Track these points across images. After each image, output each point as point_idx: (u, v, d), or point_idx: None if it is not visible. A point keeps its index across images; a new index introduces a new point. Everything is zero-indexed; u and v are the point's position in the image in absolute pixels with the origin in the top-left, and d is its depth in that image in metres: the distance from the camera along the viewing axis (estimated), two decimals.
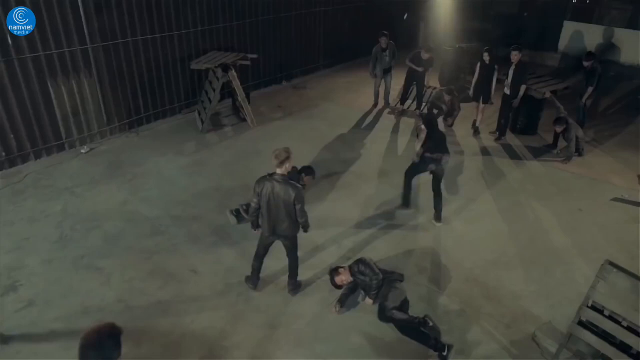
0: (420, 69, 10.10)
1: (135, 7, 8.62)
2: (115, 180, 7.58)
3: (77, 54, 8.04)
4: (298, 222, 4.91)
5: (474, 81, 9.40)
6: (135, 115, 9.32)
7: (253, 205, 4.89)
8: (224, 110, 10.41)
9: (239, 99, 9.44)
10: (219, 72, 8.98)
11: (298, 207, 4.75)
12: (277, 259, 5.72)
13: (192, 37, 9.85)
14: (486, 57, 9.02)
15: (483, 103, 9.36)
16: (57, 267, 5.68)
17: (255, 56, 9.94)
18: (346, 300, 5.20)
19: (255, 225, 5.10)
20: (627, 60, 13.78)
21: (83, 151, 8.39)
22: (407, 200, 7.15)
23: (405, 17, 16.68)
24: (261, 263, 5.36)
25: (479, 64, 9.24)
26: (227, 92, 10.20)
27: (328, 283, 5.19)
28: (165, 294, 5.33)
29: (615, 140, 9.61)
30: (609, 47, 13.99)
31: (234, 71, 9.08)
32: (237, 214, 6.57)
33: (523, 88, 8.80)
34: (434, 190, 6.70)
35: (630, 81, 12.72)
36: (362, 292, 5.17)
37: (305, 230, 5.10)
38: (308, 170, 7.12)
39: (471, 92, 9.55)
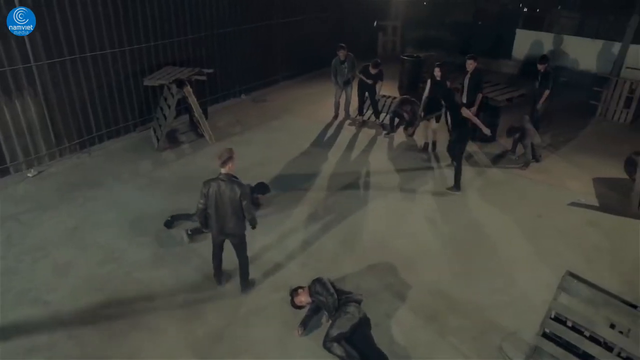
0: (369, 81, 10.13)
1: (82, 22, 8.28)
2: (65, 204, 7.21)
3: (20, 72, 7.64)
4: (244, 219, 5.10)
5: (423, 98, 9.00)
6: (87, 135, 8.93)
7: (199, 206, 5.09)
8: (180, 127, 10.12)
9: (196, 114, 9.20)
10: (174, 88, 8.72)
11: (244, 203, 4.96)
12: (236, 283, 5.59)
13: (145, 52, 9.56)
14: (437, 72, 8.55)
15: (436, 122, 8.99)
16: (0, 302, 5.29)
17: (211, 70, 9.72)
18: (309, 322, 5.05)
19: (204, 225, 5.27)
20: (577, 66, 14.26)
21: (30, 174, 7.95)
22: (459, 182, 7.84)
23: (375, 23, 16.87)
24: (220, 260, 5.53)
25: (429, 80, 8.88)
26: (184, 107, 9.92)
27: (290, 305, 5.06)
28: (120, 326, 5.04)
29: (569, 144, 9.85)
30: (559, 53, 14.45)
31: (189, 87, 8.84)
32: (192, 233, 6.44)
33: (479, 96, 8.91)
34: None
35: (581, 86, 13.13)
36: (325, 312, 5.03)
37: (253, 226, 5.25)
38: (261, 188, 7.12)
39: (421, 110, 9.14)
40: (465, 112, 7.61)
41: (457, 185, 7.85)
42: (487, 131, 7.89)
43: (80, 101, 8.65)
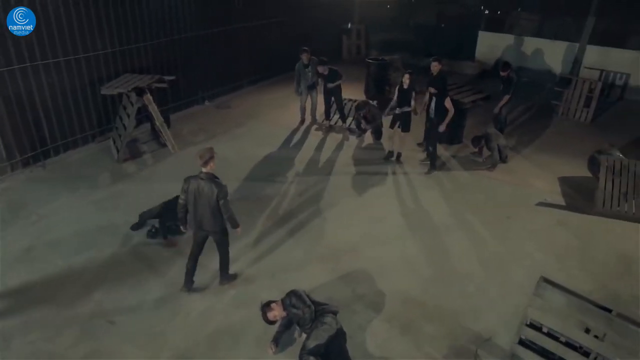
0: (329, 85, 10.00)
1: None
2: (17, 222, 6.77)
3: None
4: (222, 217, 5.17)
5: (392, 104, 8.71)
6: (41, 147, 8.47)
7: (180, 201, 5.24)
8: (142, 136, 9.74)
9: (157, 123, 8.86)
10: (133, 97, 8.37)
11: (221, 202, 5.05)
12: (201, 299, 5.34)
13: (102, 59, 9.15)
14: (405, 80, 8.31)
15: (402, 131, 8.76)
16: None
17: (172, 78, 9.39)
18: (281, 338, 4.85)
19: (184, 222, 5.40)
20: (537, 66, 14.55)
21: None
22: (435, 163, 8.63)
23: (349, 25, 16.82)
24: (195, 263, 5.50)
25: (397, 88, 8.65)
26: (145, 115, 9.57)
27: (261, 319, 4.78)
28: (77, 353, 4.73)
29: (533, 144, 9.97)
30: (520, 54, 14.71)
31: (149, 95, 8.50)
32: (155, 232, 6.47)
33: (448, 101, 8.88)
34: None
35: (542, 86, 13.41)
36: (297, 327, 4.84)
37: (233, 226, 5.30)
38: None
39: (388, 112, 8.89)
40: (448, 103, 8.17)
41: (433, 166, 8.60)
42: (442, 128, 8.36)
43: (32, 112, 8.19)
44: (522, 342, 4.23)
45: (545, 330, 4.10)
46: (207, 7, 11.37)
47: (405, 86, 8.37)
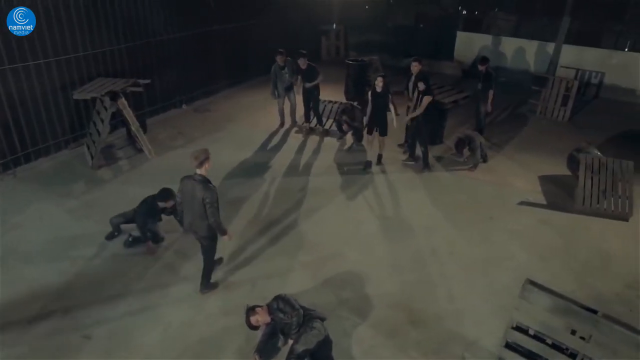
0: (307, 85, 9.88)
1: None
2: None
3: None
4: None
5: (367, 112, 8.51)
6: (10, 155, 8.16)
7: (177, 199, 5.38)
8: (117, 142, 9.48)
9: (133, 128, 8.63)
10: (107, 101, 8.13)
11: (207, 206, 4.95)
12: (182, 309, 5.17)
13: (74, 63, 8.86)
14: (379, 83, 8.09)
15: (381, 135, 8.60)
16: None
17: (147, 81, 9.15)
18: (265, 348, 4.71)
19: (182, 218, 5.43)
20: (515, 66, 14.69)
21: None
22: (427, 161, 8.73)
23: (334, 26, 16.75)
24: None
25: (369, 92, 8.40)
26: (120, 120, 9.32)
27: (243, 329, 4.64)
28: None
29: (512, 144, 10.02)
30: (498, 54, 14.82)
31: (123, 99, 8.27)
32: (132, 241, 6.32)
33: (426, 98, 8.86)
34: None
35: (520, 85, 13.52)
36: (281, 336, 4.71)
37: (219, 232, 5.19)
38: (164, 195, 6.13)
39: (365, 123, 8.74)
40: (427, 99, 8.22)
41: (426, 164, 8.66)
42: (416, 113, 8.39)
43: (1, 118, 7.89)
44: (508, 345, 4.19)
45: (531, 332, 4.05)
46: (182, 9, 11.16)
47: (378, 89, 8.14)
